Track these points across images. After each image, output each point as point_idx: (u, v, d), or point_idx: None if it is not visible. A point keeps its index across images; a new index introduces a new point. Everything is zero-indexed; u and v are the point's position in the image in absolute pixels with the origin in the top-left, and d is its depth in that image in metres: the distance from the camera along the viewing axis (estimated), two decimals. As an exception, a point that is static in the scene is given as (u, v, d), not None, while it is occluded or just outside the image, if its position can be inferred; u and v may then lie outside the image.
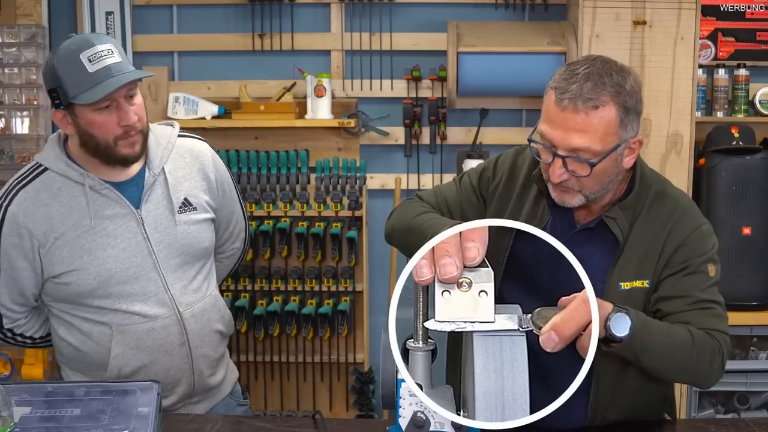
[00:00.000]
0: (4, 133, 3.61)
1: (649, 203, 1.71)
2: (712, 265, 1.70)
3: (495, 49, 3.33)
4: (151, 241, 1.93)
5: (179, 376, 1.98)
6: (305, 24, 3.61)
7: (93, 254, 1.89)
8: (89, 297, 1.91)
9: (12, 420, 1.51)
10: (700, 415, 3.38)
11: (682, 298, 1.66)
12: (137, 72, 1.88)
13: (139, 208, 1.93)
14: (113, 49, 1.85)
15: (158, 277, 1.93)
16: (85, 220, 1.89)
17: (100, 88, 1.81)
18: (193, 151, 2.06)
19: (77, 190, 1.90)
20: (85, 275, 1.88)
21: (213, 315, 2.05)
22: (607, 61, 1.61)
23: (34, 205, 1.88)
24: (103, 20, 3.53)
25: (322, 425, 1.70)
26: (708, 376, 1.65)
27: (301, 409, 3.71)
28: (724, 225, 3.26)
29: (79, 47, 1.83)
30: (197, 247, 2.01)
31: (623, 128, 1.59)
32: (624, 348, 1.48)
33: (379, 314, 3.67)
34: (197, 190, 2.03)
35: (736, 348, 3.43)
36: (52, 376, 3.47)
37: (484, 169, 1.88)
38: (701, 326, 1.63)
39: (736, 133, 3.32)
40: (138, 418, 1.54)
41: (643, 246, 1.69)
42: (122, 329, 1.91)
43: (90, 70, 1.82)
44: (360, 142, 3.65)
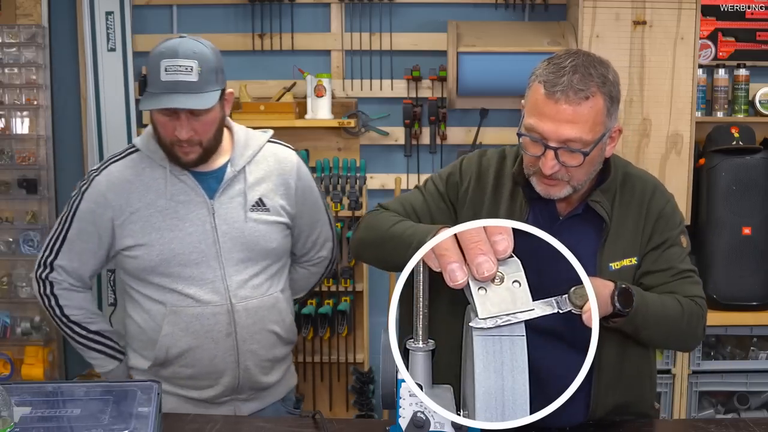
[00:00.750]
0: (4, 133, 3.61)
1: (620, 185, 1.79)
2: (683, 236, 1.82)
3: (495, 49, 3.33)
4: (218, 232, 2.01)
5: (223, 367, 2.03)
6: (305, 24, 3.62)
7: (160, 233, 2.00)
8: (151, 273, 2.02)
9: (12, 420, 1.51)
10: (700, 415, 3.38)
11: (665, 270, 1.76)
12: (196, 101, 1.91)
13: (213, 198, 2.03)
14: (194, 67, 1.91)
15: (218, 266, 2.01)
16: (161, 200, 2.01)
17: (159, 99, 1.90)
18: (278, 157, 2.14)
19: (159, 173, 2.02)
20: (150, 251, 2.00)
21: (270, 315, 2.08)
22: (588, 54, 1.66)
23: (119, 179, 2.03)
24: (103, 20, 3.53)
25: (322, 425, 1.70)
26: (695, 340, 1.81)
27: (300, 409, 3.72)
28: (724, 225, 3.26)
29: (166, 52, 1.92)
30: (264, 246, 2.07)
31: (609, 117, 1.64)
32: (626, 322, 1.62)
33: (379, 314, 3.67)
34: (273, 193, 2.10)
35: (736, 348, 3.44)
36: (52, 376, 3.47)
37: (449, 174, 1.87)
38: (685, 294, 1.74)
39: (736, 133, 3.32)
40: (138, 418, 1.54)
41: (626, 225, 1.76)
42: (175, 309, 2.01)
43: (162, 78, 1.90)
44: (360, 142, 3.65)
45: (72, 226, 2.05)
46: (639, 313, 1.61)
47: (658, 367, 3.32)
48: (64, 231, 2.06)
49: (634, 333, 1.68)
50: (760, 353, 3.38)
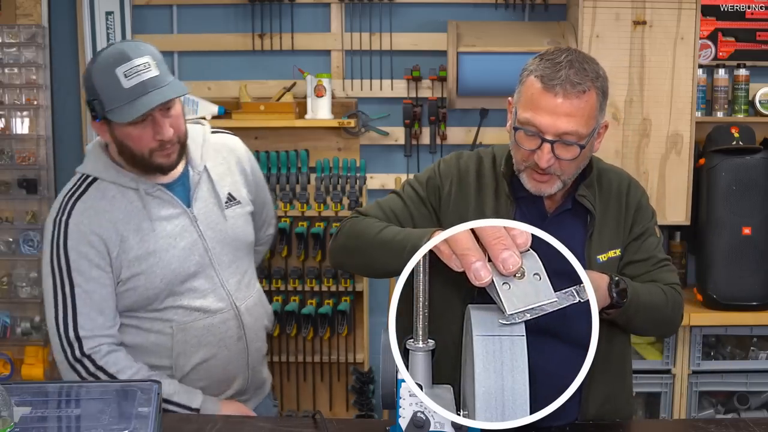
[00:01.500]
0: (4, 133, 3.61)
1: (597, 179, 1.83)
2: (656, 227, 1.89)
3: (495, 49, 3.33)
4: (206, 238, 1.96)
5: (236, 372, 2.03)
6: (305, 24, 3.62)
7: (158, 255, 1.90)
8: (156, 300, 1.92)
9: (12, 420, 1.51)
10: (700, 415, 3.38)
11: (647, 260, 1.82)
12: (173, 89, 1.85)
13: (190, 206, 1.96)
14: (150, 62, 1.82)
15: (214, 273, 1.97)
16: (145, 223, 1.90)
17: (135, 105, 1.79)
18: (228, 146, 2.10)
19: (132, 195, 1.91)
20: (152, 278, 1.89)
21: (261, 309, 2.10)
22: (578, 51, 1.71)
23: (97, 213, 1.88)
24: (103, 20, 3.53)
25: (322, 425, 1.70)
26: (676, 325, 1.88)
27: (301, 409, 3.71)
28: (724, 225, 3.26)
29: (116, 60, 1.80)
30: (245, 240, 2.06)
31: (600, 112, 1.67)
32: (620, 313, 1.69)
33: (379, 314, 3.67)
34: (238, 184, 2.07)
35: (736, 348, 3.44)
36: (52, 376, 3.47)
37: (429, 179, 1.86)
38: (665, 282, 1.82)
39: (736, 133, 3.32)
40: (138, 418, 1.54)
41: (608, 218, 1.80)
42: (183, 327, 1.94)
43: (125, 85, 1.79)
44: (360, 142, 3.65)
45: (75, 283, 1.86)
46: (632, 304, 1.68)
47: (658, 367, 3.33)
48: (68, 295, 1.86)
49: (626, 323, 1.75)
50: (760, 353, 3.38)
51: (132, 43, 1.86)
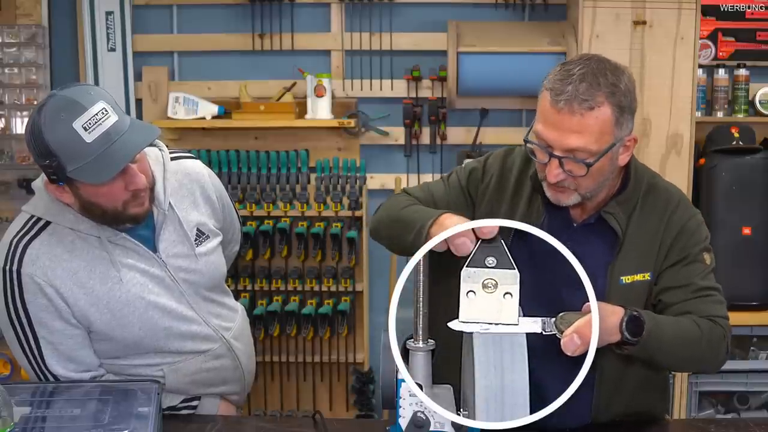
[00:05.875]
0: (4, 133, 3.61)
1: (643, 196, 1.74)
2: (707, 253, 1.75)
3: (495, 49, 3.32)
4: (179, 281, 1.83)
5: (233, 391, 2.03)
6: (305, 24, 3.61)
7: (132, 305, 1.77)
8: (140, 346, 1.81)
9: (12, 420, 1.51)
10: (700, 415, 3.38)
11: (684, 287, 1.69)
12: (142, 135, 1.68)
13: (157, 251, 1.81)
14: (107, 108, 1.62)
15: (194, 314, 1.87)
16: (112, 272, 1.74)
17: (106, 164, 1.60)
18: (191, 175, 1.93)
19: (93, 242, 1.74)
20: (130, 327, 1.78)
21: (245, 324, 2.09)
22: (602, 60, 1.61)
23: (52, 262, 1.70)
24: (103, 20, 3.53)
25: (322, 425, 1.70)
26: (716, 362, 1.71)
27: (301, 409, 3.71)
28: (724, 225, 3.25)
29: (69, 113, 1.59)
30: (217, 274, 1.96)
31: (618, 127, 1.59)
32: (639, 349, 1.54)
33: (379, 314, 3.67)
34: (205, 217, 1.92)
35: (736, 348, 3.43)
36: (52, 376, 3.47)
37: (473, 169, 1.85)
38: (704, 314, 1.67)
39: (736, 133, 3.32)
40: (138, 418, 1.54)
41: (642, 239, 1.71)
42: (175, 368, 1.87)
43: (87, 140, 1.59)
44: (360, 142, 3.65)
45: (38, 336, 1.73)
46: (652, 339, 1.54)
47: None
48: (34, 347, 1.74)
49: (649, 359, 1.62)
50: (760, 353, 3.37)
51: (77, 89, 1.65)
